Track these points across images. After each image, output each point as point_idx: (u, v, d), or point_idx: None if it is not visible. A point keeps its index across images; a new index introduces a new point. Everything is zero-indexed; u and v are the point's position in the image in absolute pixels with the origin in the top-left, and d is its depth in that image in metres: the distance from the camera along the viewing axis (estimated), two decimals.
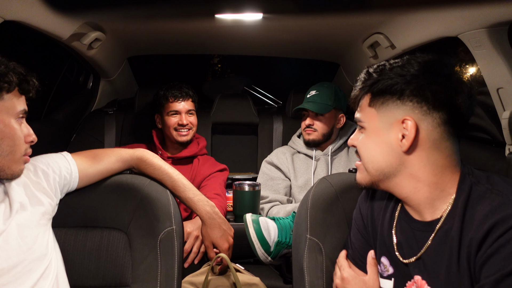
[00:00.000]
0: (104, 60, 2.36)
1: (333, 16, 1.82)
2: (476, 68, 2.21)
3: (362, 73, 0.96)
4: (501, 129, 1.49)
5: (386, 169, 0.92)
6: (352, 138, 1.01)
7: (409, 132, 0.87)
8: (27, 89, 1.02)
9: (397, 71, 0.89)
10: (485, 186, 0.84)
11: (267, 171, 2.08)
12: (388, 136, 0.90)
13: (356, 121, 0.98)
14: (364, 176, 0.97)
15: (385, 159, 0.91)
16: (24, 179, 1.05)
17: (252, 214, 1.56)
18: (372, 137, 0.93)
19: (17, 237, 0.97)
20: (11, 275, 0.95)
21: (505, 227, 0.76)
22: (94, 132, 2.46)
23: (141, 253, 1.17)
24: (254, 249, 1.49)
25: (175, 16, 1.86)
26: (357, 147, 0.98)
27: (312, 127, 2.03)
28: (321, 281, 1.11)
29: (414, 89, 0.87)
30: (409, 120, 0.87)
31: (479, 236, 0.79)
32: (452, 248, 0.84)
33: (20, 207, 1.01)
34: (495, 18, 1.32)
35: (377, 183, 0.95)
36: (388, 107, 0.90)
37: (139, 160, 1.25)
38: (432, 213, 0.90)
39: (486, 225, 0.78)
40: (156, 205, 1.20)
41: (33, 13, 1.44)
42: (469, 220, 0.83)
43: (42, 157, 1.14)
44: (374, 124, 0.93)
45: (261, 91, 3.26)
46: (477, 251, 0.80)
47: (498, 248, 0.76)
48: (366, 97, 0.94)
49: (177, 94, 2.05)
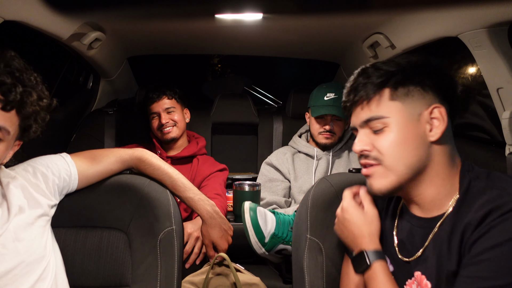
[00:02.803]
0: (104, 60, 2.36)
1: (333, 16, 1.82)
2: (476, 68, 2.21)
3: (361, 73, 0.93)
4: (501, 129, 1.49)
5: (417, 164, 0.87)
6: (361, 142, 0.91)
7: (442, 119, 0.87)
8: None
9: (408, 60, 0.90)
10: (484, 182, 0.85)
11: (266, 172, 2.08)
12: (418, 128, 0.88)
13: (372, 120, 0.90)
14: (389, 181, 0.89)
15: (416, 153, 0.87)
16: (22, 181, 1.04)
17: (251, 203, 1.56)
18: (401, 132, 0.87)
19: (15, 240, 0.97)
20: (9, 277, 0.94)
21: (500, 212, 0.77)
22: (94, 132, 2.46)
23: (141, 253, 1.17)
24: (248, 236, 1.49)
25: (175, 16, 1.86)
26: (378, 149, 0.89)
27: (332, 132, 2.02)
28: (321, 281, 1.11)
29: (433, 78, 0.89)
30: (440, 107, 0.87)
31: (475, 221, 0.79)
32: (445, 235, 0.85)
33: (18, 210, 1.00)
34: (495, 18, 1.32)
35: (403, 185, 0.89)
36: (414, 98, 0.88)
37: (138, 160, 1.25)
38: (438, 209, 0.90)
39: (483, 211, 0.79)
40: (156, 205, 1.20)
41: (33, 13, 1.44)
42: (465, 212, 0.83)
43: (41, 158, 1.13)
44: (401, 118, 0.88)
45: (261, 91, 3.26)
46: (471, 234, 0.80)
47: (489, 229, 0.77)
48: (384, 91, 0.89)
49: (151, 96, 2.08)
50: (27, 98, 0.94)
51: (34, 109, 0.97)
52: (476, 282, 0.76)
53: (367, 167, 0.92)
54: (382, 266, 0.94)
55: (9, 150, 0.98)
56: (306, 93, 2.20)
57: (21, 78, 0.94)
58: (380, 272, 0.93)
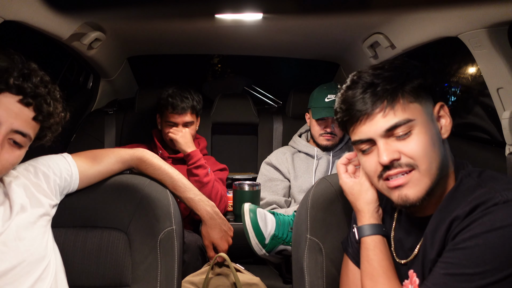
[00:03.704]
0: (104, 60, 2.36)
1: (333, 16, 1.82)
2: (476, 68, 2.21)
3: (368, 78, 0.89)
4: (501, 129, 1.49)
5: (443, 163, 0.88)
6: (388, 151, 0.86)
7: (448, 116, 0.90)
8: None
9: (402, 62, 0.92)
10: (475, 180, 0.85)
11: (266, 172, 2.08)
12: (435, 127, 0.89)
13: (399, 125, 0.86)
14: (424, 186, 0.86)
15: (440, 153, 0.87)
16: (24, 180, 1.05)
17: (251, 204, 1.56)
18: (427, 133, 0.86)
19: (16, 239, 0.97)
20: (9, 277, 0.94)
21: (484, 206, 0.77)
22: (94, 132, 2.46)
23: (141, 253, 1.17)
24: (248, 238, 1.49)
25: (175, 16, 1.86)
26: (409, 155, 0.85)
27: (333, 133, 2.01)
28: (321, 281, 1.11)
29: (431, 77, 0.90)
30: (443, 104, 0.90)
31: (461, 215, 0.80)
32: (431, 228, 0.86)
33: (20, 208, 1.01)
34: (495, 18, 1.32)
35: (433, 187, 0.87)
36: (424, 99, 0.89)
37: (139, 160, 1.25)
38: (434, 207, 0.90)
39: (469, 206, 0.79)
40: (156, 205, 1.20)
41: (33, 13, 1.44)
42: (453, 208, 0.83)
43: (42, 158, 1.14)
44: (424, 119, 0.87)
45: (261, 91, 3.26)
46: (455, 227, 0.81)
47: (471, 222, 0.78)
48: (404, 95, 0.87)
49: (177, 106, 2.00)
50: (54, 111, 1.01)
51: (55, 121, 1.02)
52: (448, 267, 0.78)
53: (398, 176, 0.87)
54: (373, 241, 0.95)
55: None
56: (306, 93, 2.19)
57: (52, 91, 1.01)
58: (369, 249, 0.94)
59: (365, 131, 0.89)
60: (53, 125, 1.02)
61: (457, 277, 0.77)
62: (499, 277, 0.73)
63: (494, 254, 0.74)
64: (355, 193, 1.00)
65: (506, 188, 0.78)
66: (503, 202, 0.76)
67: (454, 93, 3.01)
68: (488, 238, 0.75)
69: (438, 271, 0.80)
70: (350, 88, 0.91)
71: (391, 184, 0.88)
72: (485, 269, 0.74)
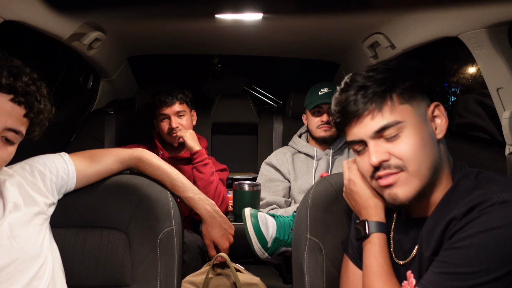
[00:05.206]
0: (104, 60, 2.36)
1: (333, 16, 1.82)
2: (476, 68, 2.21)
3: (351, 84, 0.91)
4: (501, 129, 1.49)
5: (435, 165, 0.88)
6: (378, 153, 0.88)
7: (444, 116, 0.90)
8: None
9: (397, 63, 0.92)
10: (472, 181, 0.85)
11: (265, 172, 2.08)
12: (428, 128, 0.89)
13: (388, 127, 0.87)
14: (414, 186, 0.87)
15: (432, 154, 0.88)
16: (19, 179, 1.05)
17: (251, 209, 1.56)
18: (418, 134, 0.87)
19: (9, 237, 0.97)
20: (3, 274, 0.94)
21: (481, 207, 0.78)
22: (94, 132, 2.46)
23: (141, 253, 1.17)
24: (251, 243, 1.49)
25: (175, 16, 1.86)
26: (398, 156, 0.87)
27: (329, 124, 2.02)
28: (321, 281, 1.11)
29: (427, 77, 0.90)
30: (439, 104, 0.90)
31: (458, 216, 0.80)
32: (428, 229, 0.87)
33: (14, 207, 1.01)
34: (495, 18, 1.32)
35: (425, 188, 0.88)
36: (417, 99, 0.90)
37: (138, 160, 1.25)
38: (431, 208, 0.90)
39: (465, 207, 0.80)
40: (155, 205, 1.20)
41: (33, 13, 1.44)
42: (450, 209, 0.83)
43: (39, 157, 1.14)
44: (414, 120, 0.88)
45: (261, 91, 3.27)
46: (452, 228, 0.81)
47: (468, 222, 0.78)
48: (393, 97, 0.88)
49: (163, 99, 2.06)
50: (44, 107, 1.02)
51: (44, 116, 1.04)
52: (443, 266, 0.79)
53: (387, 176, 0.89)
54: (379, 238, 0.95)
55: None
56: (306, 93, 2.20)
57: (40, 88, 1.02)
58: (376, 244, 0.94)
59: (356, 133, 0.92)
60: (42, 120, 1.04)
61: (451, 276, 0.77)
62: (492, 277, 0.74)
63: (489, 254, 0.75)
64: (363, 193, 0.99)
65: (503, 190, 0.79)
66: (499, 203, 0.76)
67: (454, 93, 3.01)
68: (483, 238, 0.75)
69: (433, 270, 0.81)
70: (344, 90, 0.94)
71: (381, 183, 0.90)
72: (479, 268, 0.75)
